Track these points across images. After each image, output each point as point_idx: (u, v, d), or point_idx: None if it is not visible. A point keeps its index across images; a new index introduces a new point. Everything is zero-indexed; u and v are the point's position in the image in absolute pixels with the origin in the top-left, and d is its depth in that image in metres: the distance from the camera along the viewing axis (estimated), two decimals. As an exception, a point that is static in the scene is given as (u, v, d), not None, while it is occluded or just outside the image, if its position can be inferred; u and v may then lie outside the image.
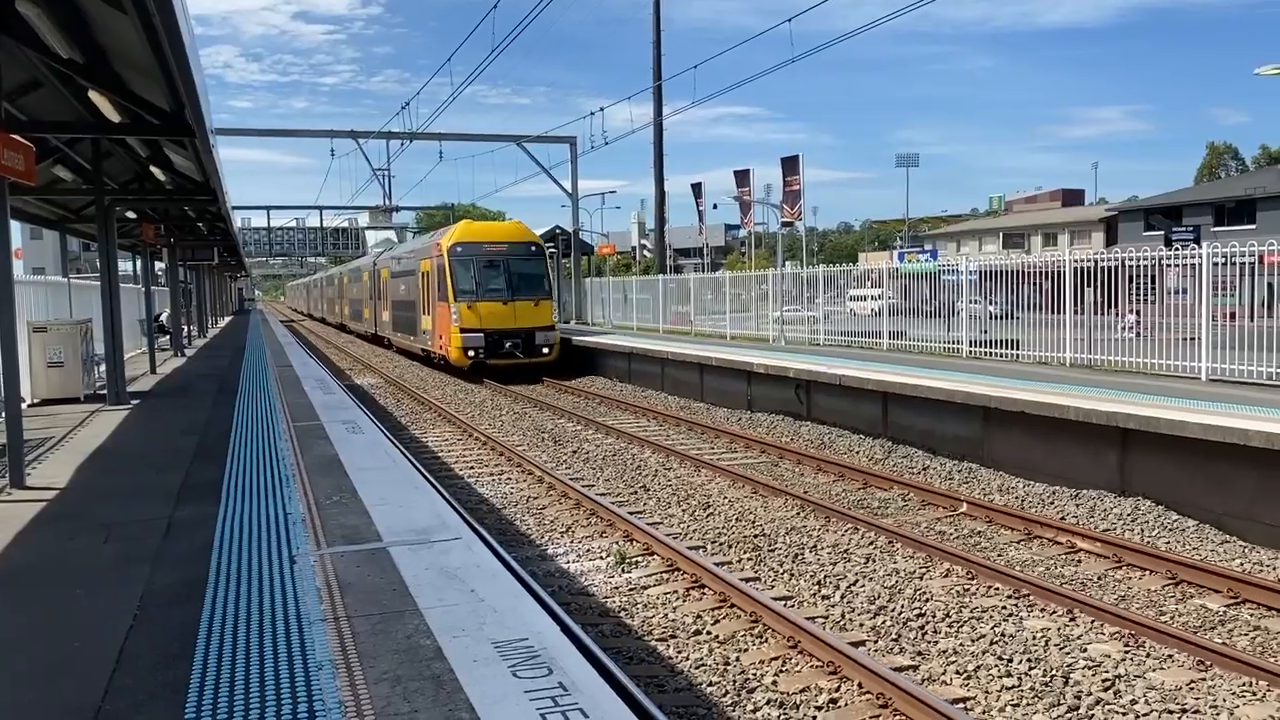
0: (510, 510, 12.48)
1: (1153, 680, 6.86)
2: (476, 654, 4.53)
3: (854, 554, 10.08)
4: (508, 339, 27.88)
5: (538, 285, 28.95)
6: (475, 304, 27.86)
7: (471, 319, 27.82)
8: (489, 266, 28.45)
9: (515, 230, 30.56)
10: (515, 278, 28.58)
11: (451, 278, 28.08)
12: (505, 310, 28.12)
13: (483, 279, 28.24)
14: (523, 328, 28.12)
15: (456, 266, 28.21)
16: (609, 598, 9.02)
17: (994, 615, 8.16)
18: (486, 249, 28.74)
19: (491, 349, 27.80)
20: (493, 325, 27.83)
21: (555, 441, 17.62)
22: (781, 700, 6.74)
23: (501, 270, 28.51)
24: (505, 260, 28.69)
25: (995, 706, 6.56)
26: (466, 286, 28.16)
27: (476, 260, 28.38)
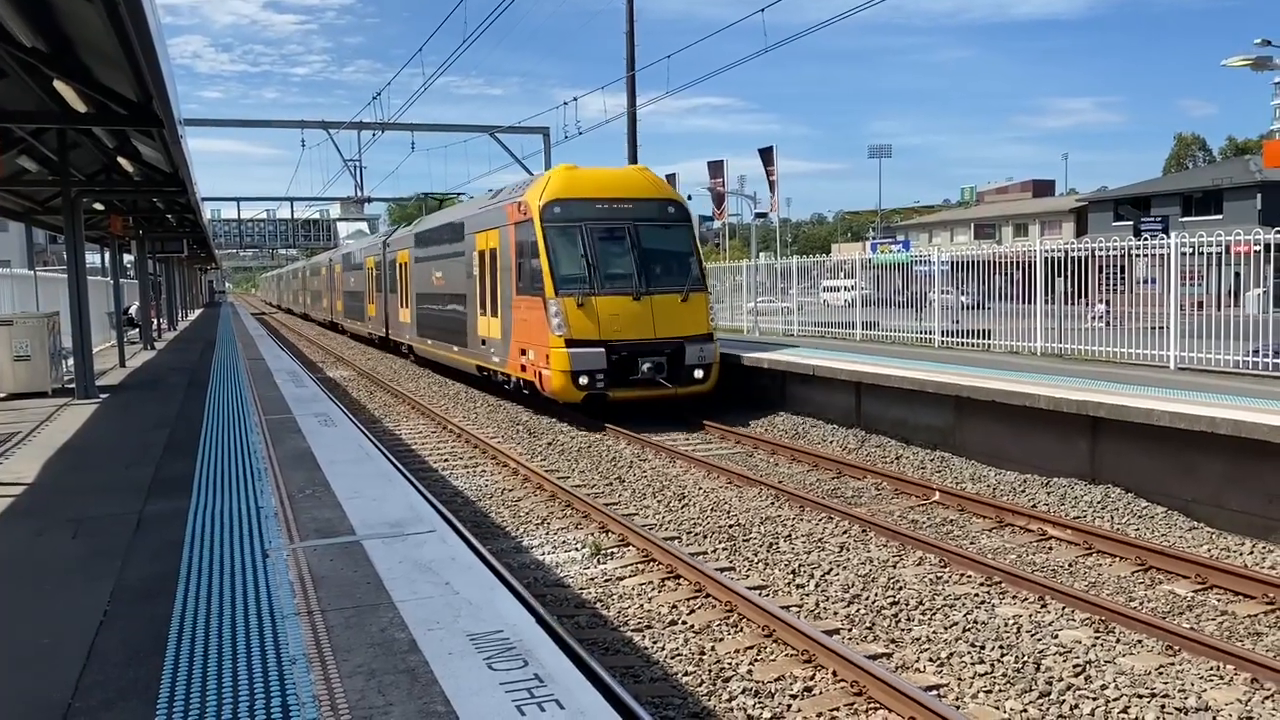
0: (485, 502, 12.46)
1: (1123, 665, 6.95)
2: (451, 647, 4.51)
3: (828, 543, 10.13)
4: (645, 356, 17.56)
5: (684, 268, 18.62)
6: (590, 299, 17.63)
7: (584, 324, 17.54)
8: (608, 238, 18.22)
9: (642, 181, 19.34)
10: (649, 257, 18.32)
11: (547, 256, 17.85)
12: (638, 310, 17.80)
13: (601, 259, 18.00)
14: (667, 338, 17.80)
15: (555, 238, 17.98)
16: (585, 589, 9.02)
17: (966, 603, 8.23)
18: (602, 209, 18.37)
19: (618, 373, 17.49)
20: (620, 334, 17.60)
21: (530, 432, 17.59)
22: (757, 689, 6.77)
23: (627, 244, 18.21)
24: (632, 228, 18.30)
25: (968, 693, 6.62)
26: (573, 271, 17.90)
27: (588, 228, 18.09)
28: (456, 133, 42.84)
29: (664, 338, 17.84)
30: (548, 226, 18.05)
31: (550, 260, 17.88)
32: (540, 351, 18.09)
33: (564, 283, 17.80)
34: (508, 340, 19.90)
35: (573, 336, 17.49)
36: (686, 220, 19.21)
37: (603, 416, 17.76)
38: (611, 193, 18.62)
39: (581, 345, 17.47)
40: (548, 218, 18.09)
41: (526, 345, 18.83)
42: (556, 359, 17.49)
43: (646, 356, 17.63)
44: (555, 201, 18.22)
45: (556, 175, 18.99)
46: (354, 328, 43.78)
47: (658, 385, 17.66)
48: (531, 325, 18.50)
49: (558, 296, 17.67)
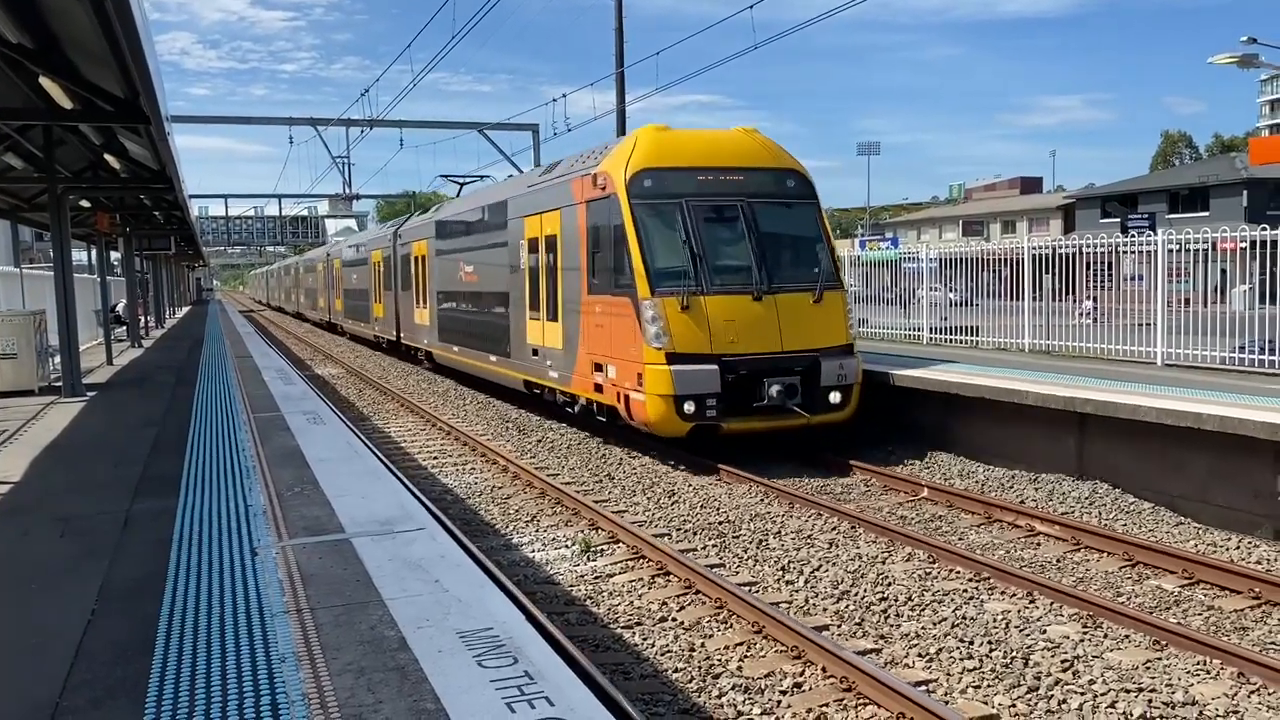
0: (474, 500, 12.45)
1: (1110, 660, 6.98)
2: (441, 644, 4.51)
3: (817, 539, 10.16)
4: (771, 375, 13.51)
5: (813, 258, 14.64)
6: (699, 299, 13.50)
7: (691, 333, 13.43)
8: (717, 219, 14.17)
9: (754, 146, 15.08)
10: (770, 244, 14.30)
11: (639, 243, 13.74)
12: (760, 314, 13.72)
13: (708, 245, 13.90)
14: (798, 351, 13.76)
15: (648, 219, 13.92)
16: (574, 586, 9.03)
17: (955, 598, 8.26)
18: (707, 181, 14.30)
19: (735, 398, 13.44)
20: (737, 346, 13.52)
21: (520, 431, 17.59)
22: (747, 685, 6.78)
23: (741, 228, 14.14)
24: (747, 207, 14.21)
25: (957, 688, 6.65)
26: (673, 262, 13.78)
27: (691, 207, 13.98)
28: (445, 129, 42.74)
29: (794, 350, 13.73)
30: (638, 204, 13.92)
31: (643, 248, 13.69)
32: (627, 368, 13.87)
33: (662, 278, 13.55)
34: (572, 351, 15.78)
35: (676, 349, 13.27)
36: (813, 196, 15.00)
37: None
38: (718, 160, 14.49)
39: (688, 361, 13.23)
40: (637, 192, 13.98)
41: (605, 359, 14.60)
42: (654, 379, 13.25)
43: (773, 376, 13.49)
44: (646, 172, 14.06)
45: (645, 139, 14.61)
46: (356, 329, 39.62)
47: (787, 413, 13.59)
48: (614, 333, 14.27)
49: (655, 296, 13.40)
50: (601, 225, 14.71)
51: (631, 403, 13.88)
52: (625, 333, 13.96)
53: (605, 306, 14.64)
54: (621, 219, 13.99)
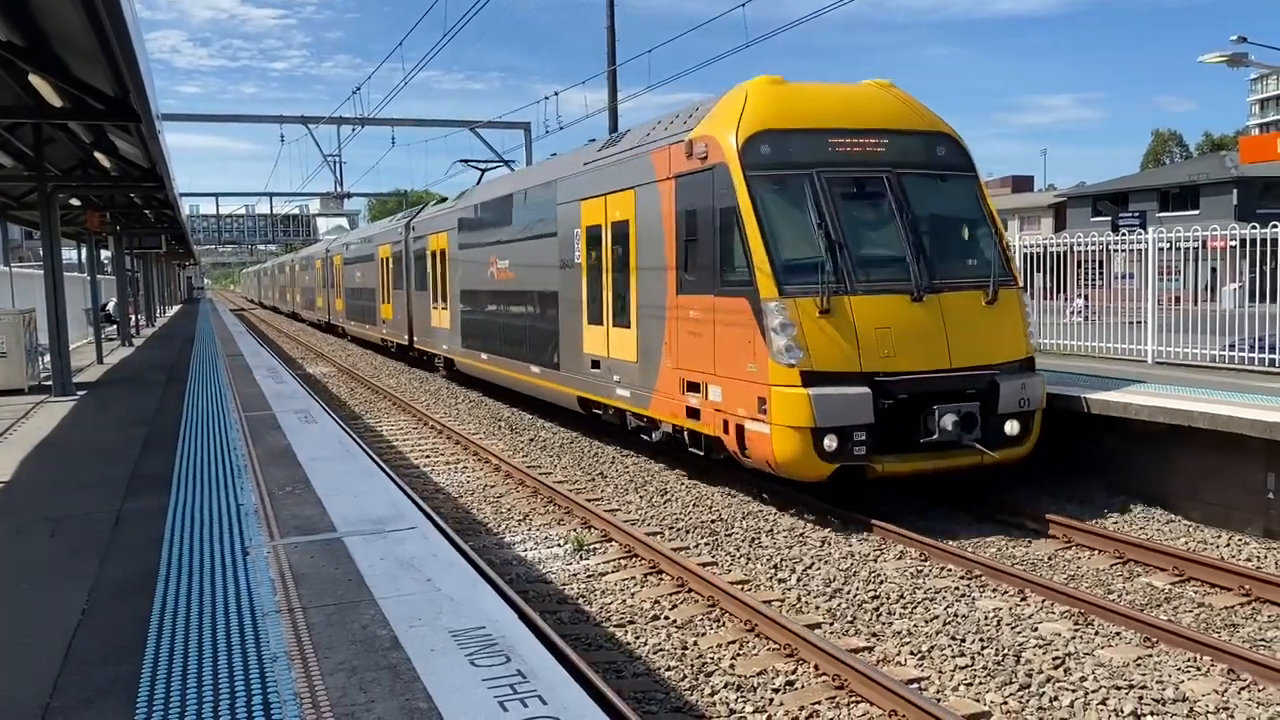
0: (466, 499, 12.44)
1: (1101, 657, 7.00)
2: (433, 643, 4.51)
3: (809, 537, 10.16)
4: (940, 401, 10.59)
5: (976, 247, 11.84)
6: (843, 301, 10.59)
7: (834, 345, 10.50)
8: (858, 196, 11.30)
9: (894, 104, 12.14)
10: (926, 228, 11.45)
11: (760, 226, 10.82)
12: (921, 320, 10.81)
13: (849, 229, 11.02)
14: (971, 369, 10.84)
15: (771, 196, 11.05)
16: (567, 585, 9.02)
17: (947, 596, 8.28)
18: (842, 148, 11.37)
19: (893, 429, 10.54)
20: (894, 362, 10.59)
21: (512, 429, 17.57)
22: (739, 683, 6.79)
23: (888, 207, 11.25)
24: (894, 181, 11.32)
25: (949, 686, 6.66)
26: (803, 252, 10.88)
27: (825, 180, 11.07)
28: (437, 127, 42.68)
29: (966, 367, 10.66)
30: (757, 177, 10.82)
31: (765, 234, 10.60)
32: (742, 390, 10.75)
33: (792, 273, 10.50)
34: (652, 366, 12.81)
35: (814, 366, 10.17)
36: (971, 168, 12.02)
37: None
38: (852, 120, 11.44)
39: (830, 382, 10.13)
40: (754, 161, 10.87)
41: (705, 377, 11.51)
42: (784, 405, 10.14)
43: (943, 401, 10.40)
44: (765, 135, 11.00)
45: (759, 93, 11.46)
46: (361, 331, 36.13)
47: (959, 450, 10.51)
48: (720, 345, 11.19)
49: (784, 297, 10.31)
50: (700, 207, 11.61)
51: (749, 436, 10.71)
52: (738, 344, 10.82)
53: (705, 311, 11.54)
54: (733, 197, 10.89)
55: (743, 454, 11.04)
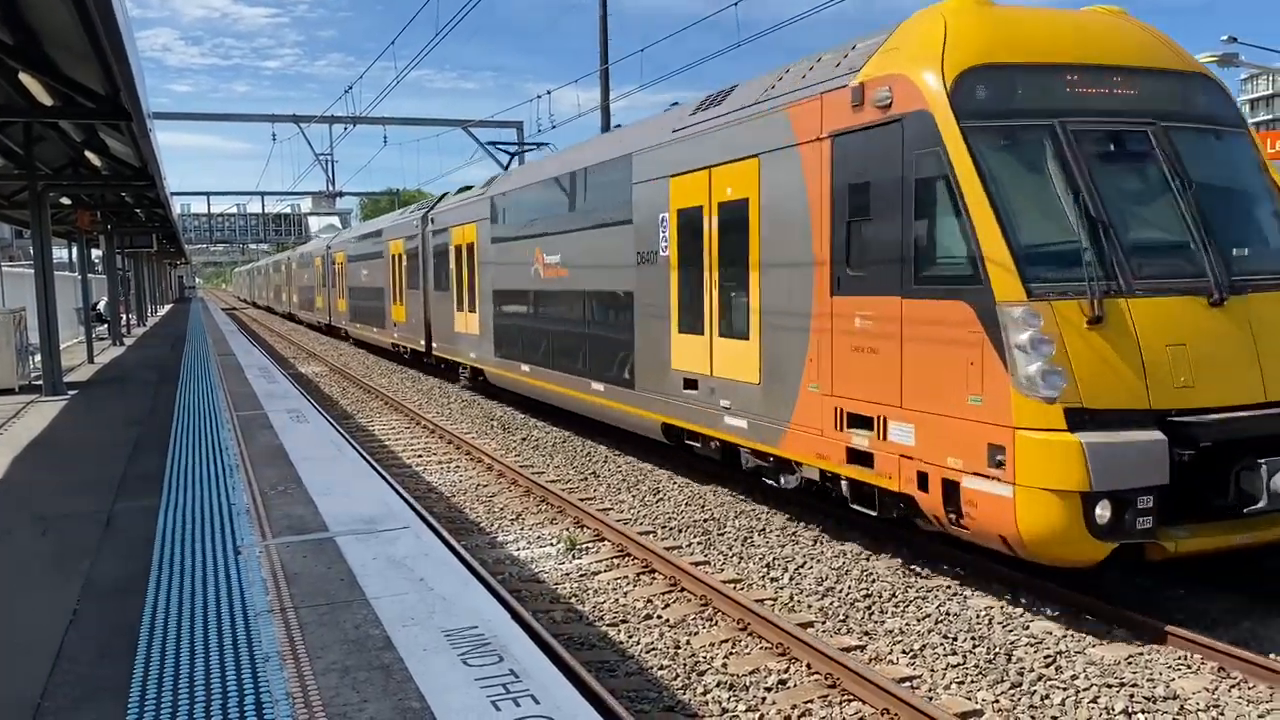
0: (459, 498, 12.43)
1: (1092, 655, 7.03)
2: (426, 643, 4.51)
3: (802, 536, 10.18)
4: (1255, 448, 7.26)
5: (1269, 224, 8.49)
6: (1116, 303, 7.35)
7: (1110, 368, 7.22)
8: (1116, 156, 7.98)
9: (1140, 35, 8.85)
10: (1209, 201, 8.04)
11: (985, 195, 7.60)
12: (1220, 331, 7.55)
13: (1113, 205, 7.70)
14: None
15: (992, 155, 7.78)
16: (560, 584, 9.03)
17: (939, 595, 8.30)
18: (1085, 88, 8.11)
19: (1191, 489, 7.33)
20: (1192, 395, 7.30)
21: (505, 429, 17.56)
22: (732, 682, 6.80)
23: (1158, 172, 8.00)
24: (1162, 135, 8.09)
25: (940, 684, 6.68)
26: (1050, 236, 7.67)
27: (1069, 133, 7.84)
28: (429, 126, 42.66)
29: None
30: (977, 130, 7.87)
31: (1000, 210, 7.63)
32: (959, 433, 7.81)
33: (1040, 264, 7.55)
34: (788, 390, 9.94)
35: (1085, 401, 7.23)
36: (1243, 123, 9.07)
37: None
38: (1095, 55, 8.38)
39: (1107, 424, 7.21)
40: (972, 108, 7.95)
41: (885, 410, 8.60)
42: (1040, 458, 7.19)
43: (1266, 450, 7.37)
44: (982, 72, 8.06)
45: (962, 15, 8.42)
46: (367, 335, 33.39)
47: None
48: (917, 366, 8.24)
49: (1033, 299, 7.37)
50: (877, 175, 8.54)
51: (971, 499, 7.65)
52: (950, 366, 7.83)
53: (886, 318, 8.49)
54: (941, 158, 7.88)
55: (955, 522, 7.89)
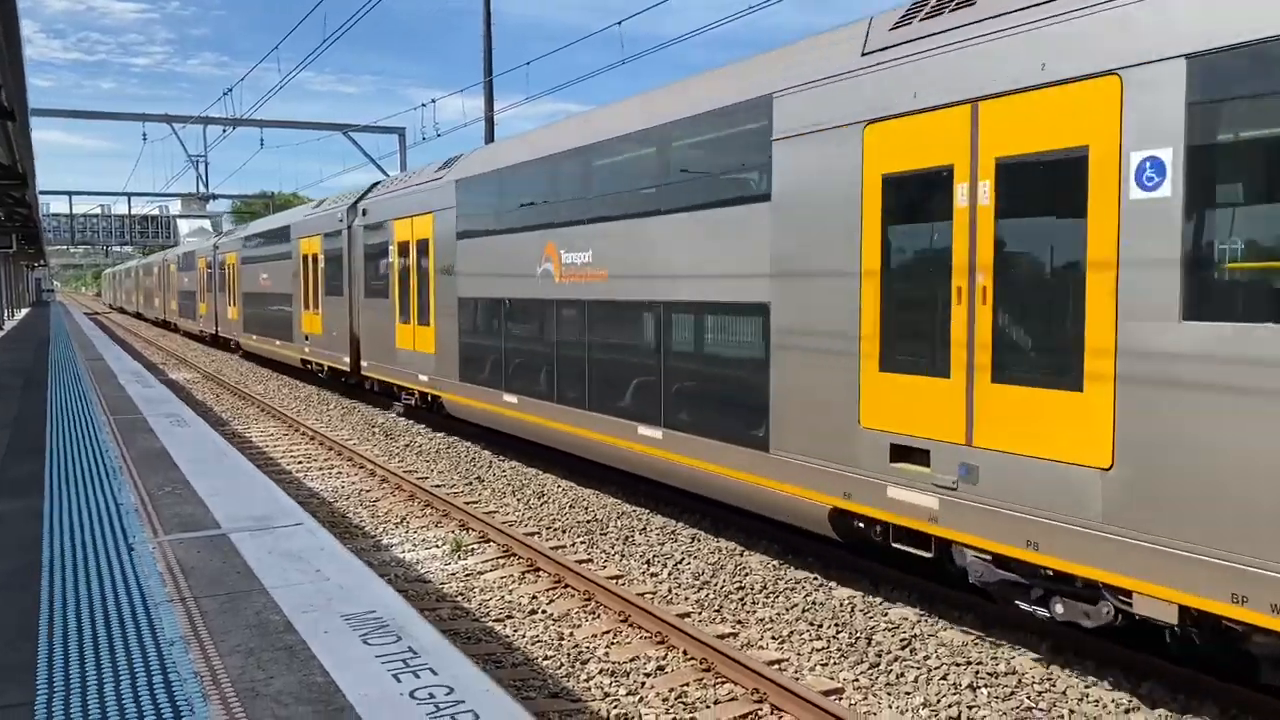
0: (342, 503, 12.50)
1: (944, 638, 7.65)
2: (327, 626, 4.75)
3: (680, 535, 10.64)
4: None
5: None
6: None
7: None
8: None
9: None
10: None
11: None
12: None
13: None
14: None
15: None
16: (446, 583, 9.26)
17: (807, 586, 8.85)
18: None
19: None
20: None
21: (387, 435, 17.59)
22: (613, 669, 7.19)
23: None
24: None
25: (806, 666, 7.20)
26: None
27: None
28: (309, 130, 41.98)
29: None
30: None
31: None
32: None
33: None
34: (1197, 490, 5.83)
35: None
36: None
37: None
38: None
39: None
40: None
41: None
42: None
43: None
44: None
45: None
46: (265, 348, 28.94)
47: None
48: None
49: None
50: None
51: None
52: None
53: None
54: None
55: None
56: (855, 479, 8.06)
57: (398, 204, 18.32)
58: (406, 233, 17.73)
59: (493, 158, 15.03)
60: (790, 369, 8.82)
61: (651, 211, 10.76)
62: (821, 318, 8.44)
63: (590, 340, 12.03)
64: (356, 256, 20.63)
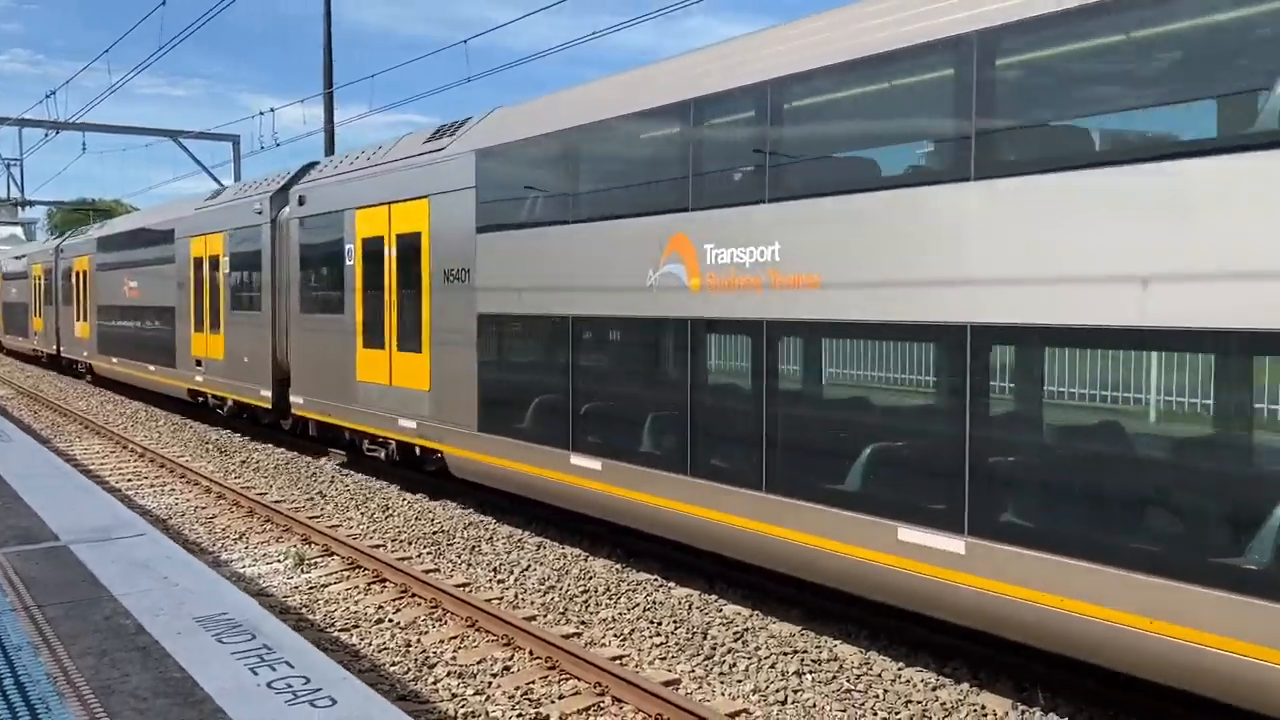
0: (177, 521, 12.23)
1: (774, 630, 8.19)
2: (179, 628, 4.85)
3: (527, 543, 10.91)
4: None
5: None
6: None
7: None
8: None
9: None
10: None
11: None
12: None
13: None
14: None
15: None
16: (289, 596, 9.26)
17: (648, 586, 9.27)
18: None
19: None
20: None
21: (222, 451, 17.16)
22: (461, 671, 7.41)
23: None
24: None
25: (646, 660, 7.60)
26: None
27: None
28: (137, 135, 40.19)
29: None
30: None
31: None
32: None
33: None
34: None
35: None
36: None
37: None
38: None
39: None
40: None
41: None
42: None
43: None
44: None
45: None
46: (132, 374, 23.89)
47: None
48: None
49: None
50: None
51: None
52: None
53: None
54: None
55: None
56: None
57: (363, 188, 13.89)
58: (378, 225, 13.42)
59: (550, 115, 10.60)
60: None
61: (946, 176, 6.78)
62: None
63: (777, 386, 7.96)
64: (287, 259, 16.13)
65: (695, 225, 8.58)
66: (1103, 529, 5.87)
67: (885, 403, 7.45)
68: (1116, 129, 6.29)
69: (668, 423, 8.99)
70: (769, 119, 7.99)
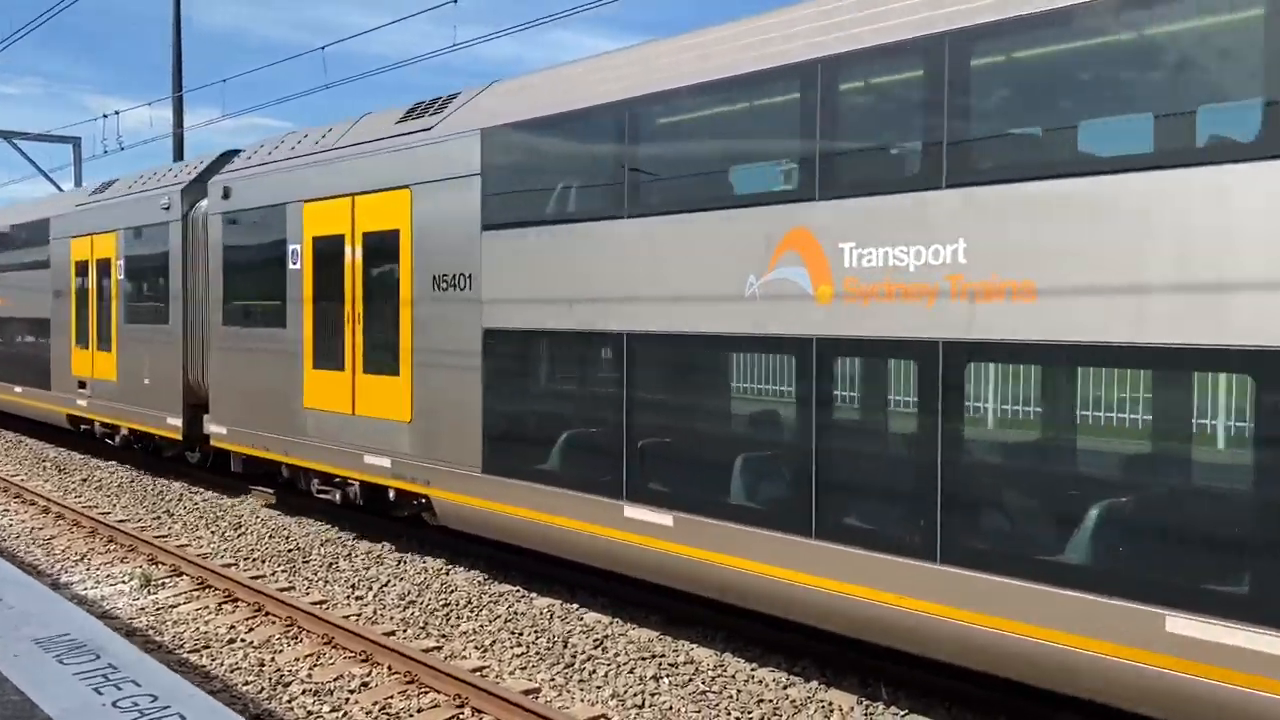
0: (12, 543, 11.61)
1: (633, 636, 8.34)
2: (17, 650, 4.67)
3: (387, 559, 10.79)
4: None
5: None
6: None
7: None
8: None
9: None
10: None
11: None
12: None
13: None
14: None
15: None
16: (135, 618, 8.93)
17: (510, 598, 9.31)
18: None
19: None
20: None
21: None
22: (316, 689, 7.31)
23: None
24: None
25: (507, 671, 7.65)
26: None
27: None
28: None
29: None
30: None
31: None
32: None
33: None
34: None
35: None
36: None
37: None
38: None
39: None
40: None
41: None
42: None
43: None
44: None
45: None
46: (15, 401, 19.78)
47: None
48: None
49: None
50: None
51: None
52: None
53: None
54: None
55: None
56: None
57: (314, 177, 11.64)
58: (337, 222, 11.24)
59: (596, 84, 8.55)
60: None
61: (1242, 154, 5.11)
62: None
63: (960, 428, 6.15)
64: (205, 263, 13.61)
65: (825, 217, 6.80)
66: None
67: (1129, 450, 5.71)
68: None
69: (773, 466, 7.27)
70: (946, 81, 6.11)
